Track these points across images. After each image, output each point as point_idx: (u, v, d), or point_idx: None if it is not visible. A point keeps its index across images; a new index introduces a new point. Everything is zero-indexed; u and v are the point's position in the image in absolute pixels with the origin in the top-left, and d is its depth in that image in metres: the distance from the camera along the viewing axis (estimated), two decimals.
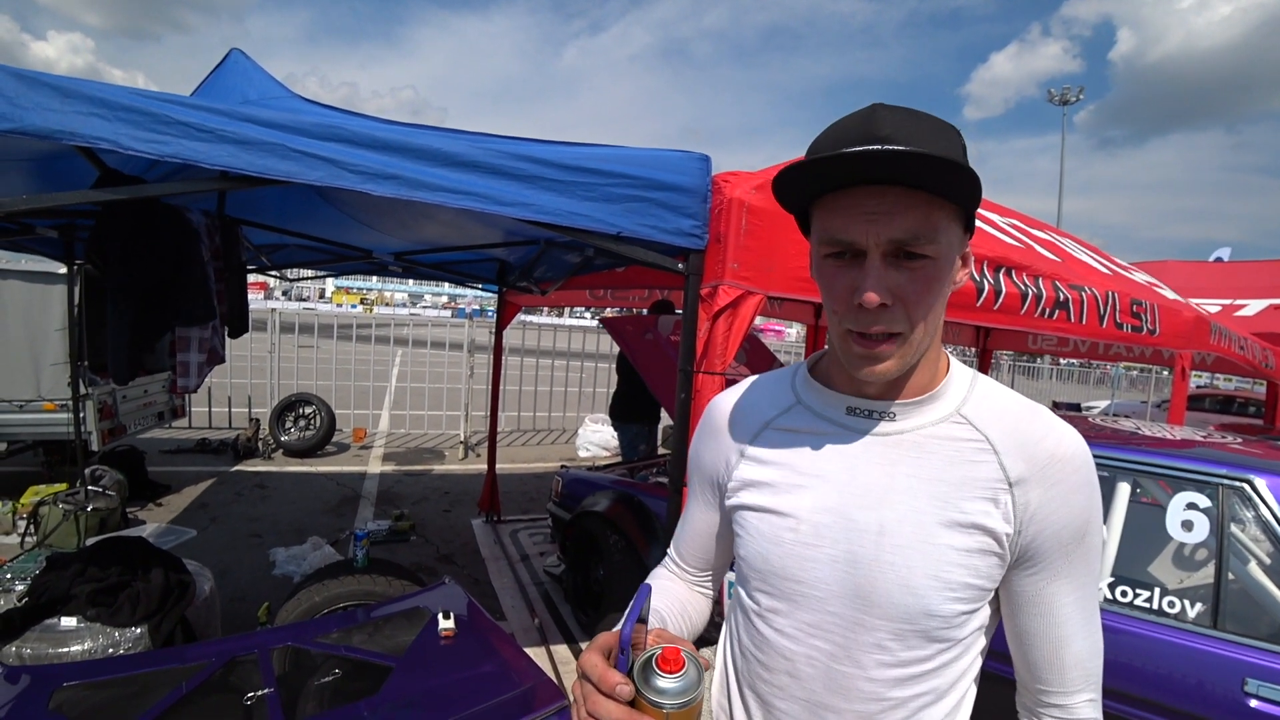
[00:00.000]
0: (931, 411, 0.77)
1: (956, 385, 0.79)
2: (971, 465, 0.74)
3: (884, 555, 0.74)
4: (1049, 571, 0.74)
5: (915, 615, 0.73)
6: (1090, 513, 0.74)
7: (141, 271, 2.07)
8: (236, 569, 3.69)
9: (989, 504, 0.73)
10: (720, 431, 0.90)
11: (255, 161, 1.42)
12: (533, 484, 6.24)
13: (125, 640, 2.02)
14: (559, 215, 1.60)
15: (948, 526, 0.73)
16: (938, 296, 0.71)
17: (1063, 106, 32.28)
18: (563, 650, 3.21)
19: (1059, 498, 0.73)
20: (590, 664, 0.65)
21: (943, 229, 0.68)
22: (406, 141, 1.48)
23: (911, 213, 0.67)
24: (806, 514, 0.78)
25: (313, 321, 8.59)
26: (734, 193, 1.71)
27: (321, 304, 38.49)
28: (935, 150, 0.64)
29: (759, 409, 0.88)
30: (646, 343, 4.04)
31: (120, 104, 1.45)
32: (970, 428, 0.76)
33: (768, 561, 0.80)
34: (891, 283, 0.69)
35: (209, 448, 6.30)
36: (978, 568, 0.73)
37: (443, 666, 1.80)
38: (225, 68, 2.91)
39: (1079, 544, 0.74)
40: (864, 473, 0.77)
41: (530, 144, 1.64)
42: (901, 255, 0.68)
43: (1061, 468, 0.73)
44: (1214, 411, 9.89)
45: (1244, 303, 7.06)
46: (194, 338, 2.43)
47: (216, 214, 2.87)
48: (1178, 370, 4.17)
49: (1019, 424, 0.76)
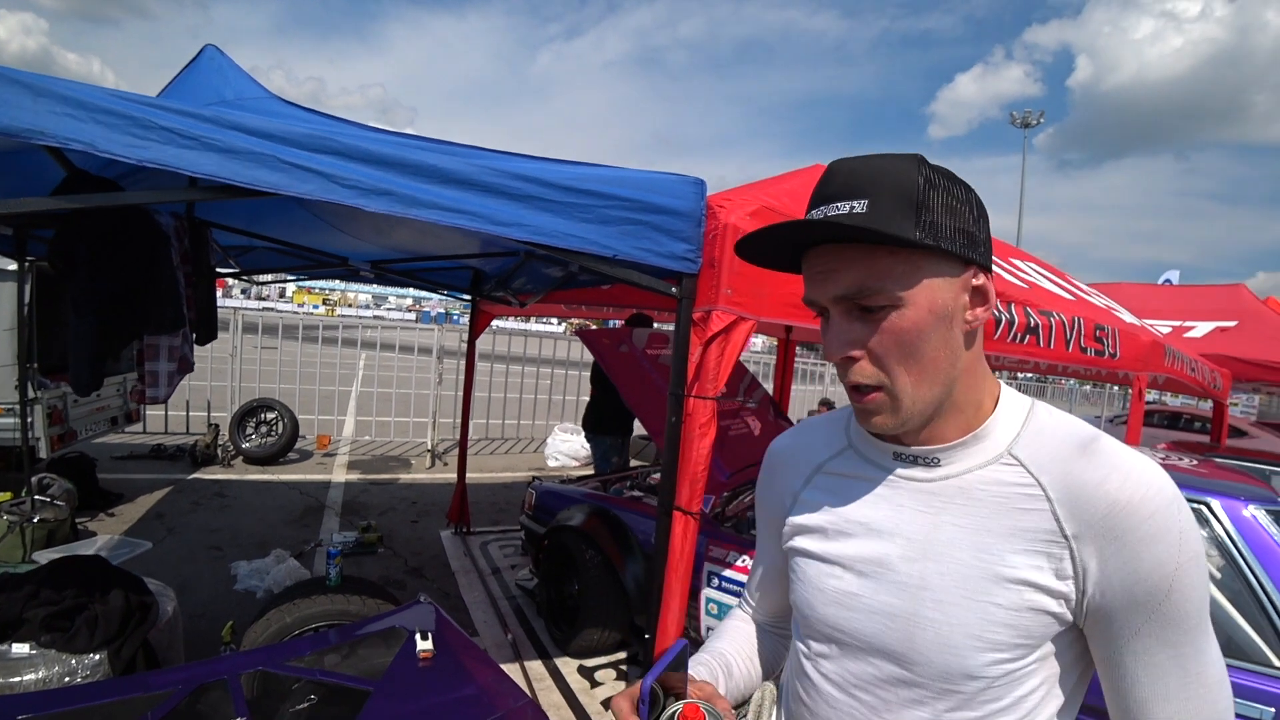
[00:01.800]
0: (978, 453, 0.72)
1: (1006, 420, 0.73)
2: (1021, 514, 0.68)
3: (923, 611, 0.71)
4: (1127, 631, 0.66)
5: (955, 676, 0.69)
6: (1176, 565, 0.63)
7: (111, 277, 1.98)
8: (196, 584, 3.55)
9: (1040, 558, 0.67)
10: (777, 474, 0.91)
11: (243, 172, 1.37)
12: (502, 494, 6.16)
13: (83, 668, 1.91)
14: (555, 237, 1.58)
15: (993, 582, 0.68)
16: (910, 344, 0.68)
17: (1024, 129, 33.39)
18: (537, 666, 3.16)
19: (1128, 550, 0.63)
20: (617, 708, 0.69)
21: (899, 274, 0.66)
22: (401, 156, 1.45)
23: (854, 267, 0.68)
24: (850, 563, 0.77)
25: (275, 322, 8.37)
26: (729, 218, 1.71)
27: (282, 303, 37.53)
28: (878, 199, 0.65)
29: (813, 451, 0.87)
30: (622, 355, 4.03)
31: (98, 105, 1.39)
32: (1021, 469, 0.70)
33: (812, 608, 0.80)
34: (855, 335, 0.70)
35: (164, 454, 6.06)
36: (1028, 628, 0.67)
37: (423, 690, 1.76)
38: (199, 65, 2.82)
39: (1163, 601, 0.63)
40: (908, 522, 0.74)
41: (526, 162, 1.62)
42: (858, 307, 0.69)
43: (1127, 517, 0.63)
44: (1162, 427, 10.28)
45: (1192, 324, 7.39)
46: (163, 345, 2.33)
47: (186, 216, 2.77)
48: (1135, 391, 4.32)
49: (1075, 465, 0.67)
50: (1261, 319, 7.30)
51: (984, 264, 0.71)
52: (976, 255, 0.69)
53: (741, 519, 3.00)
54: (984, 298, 0.71)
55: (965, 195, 0.70)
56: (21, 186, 2.31)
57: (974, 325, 0.71)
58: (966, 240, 0.68)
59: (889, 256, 0.67)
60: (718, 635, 0.98)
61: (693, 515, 1.79)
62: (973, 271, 0.70)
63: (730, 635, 0.98)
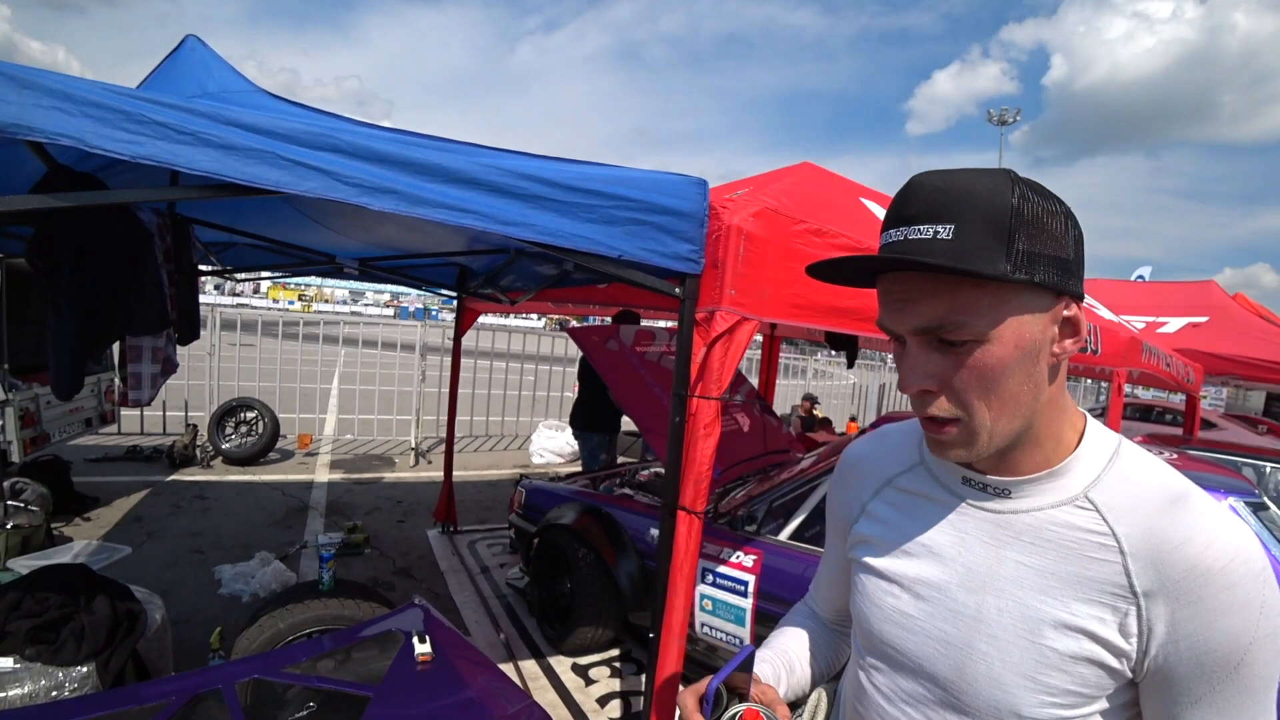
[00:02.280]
0: (1052, 492, 0.69)
1: (1088, 462, 0.69)
2: (1090, 561, 0.65)
3: (977, 643, 0.69)
4: (1186, 698, 0.63)
5: (1004, 713, 0.68)
6: (1251, 640, 0.60)
7: (94, 277, 1.92)
8: (179, 588, 3.47)
9: (1105, 610, 0.64)
10: (849, 481, 0.90)
11: (242, 169, 1.33)
12: (487, 492, 6.12)
13: (70, 681, 1.86)
14: (562, 237, 1.56)
15: (1052, 626, 0.65)
16: (997, 379, 0.64)
17: (1001, 126, 33.88)
18: (530, 665, 3.15)
19: (1201, 618, 0.60)
20: (683, 703, 0.73)
21: (985, 308, 0.62)
22: (405, 154, 1.41)
23: (934, 299, 0.63)
24: (909, 583, 0.76)
25: (253, 319, 8.21)
26: (732, 219, 1.71)
27: (256, 299, 36.87)
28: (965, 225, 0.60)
29: (885, 463, 0.86)
30: (610, 352, 4.02)
31: (86, 99, 1.34)
32: (1096, 516, 0.66)
33: (869, 622, 0.80)
34: (934, 368, 0.66)
35: (141, 455, 5.92)
36: (1083, 676, 0.65)
37: (423, 694, 1.74)
38: (180, 56, 2.74)
39: (1232, 674, 0.60)
40: (970, 551, 0.72)
41: (530, 160, 1.59)
42: (944, 340, 0.65)
43: (1207, 583, 0.60)
44: (1135, 419, 10.52)
45: (1165, 320, 7.57)
46: (146, 347, 2.27)
47: (168, 213, 2.70)
48: (1115, 386, 4.41)
49: (1158, 520, 0.64)
50: (1231, 315, 7.51)
51: (1077, 294, 0.66)
52: (1070, 286, 0.64)
53: (734, 516, 3.01)
54: (1074, 329, 0.66)
55: (1062, 215, 0.64)
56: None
57: (1061, 358, 0.67)
58: (1060, 271, 0.63)
59: (975, 289, 0.62)
60: (781, 631, 0.99)
61: (697, 515, 1.79)
62: (1065, 302, 0.65)
63: (794, 633, 0.98)
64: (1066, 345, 0.67)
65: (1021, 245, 0.61)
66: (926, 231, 0.62)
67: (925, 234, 0.62)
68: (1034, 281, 0.62)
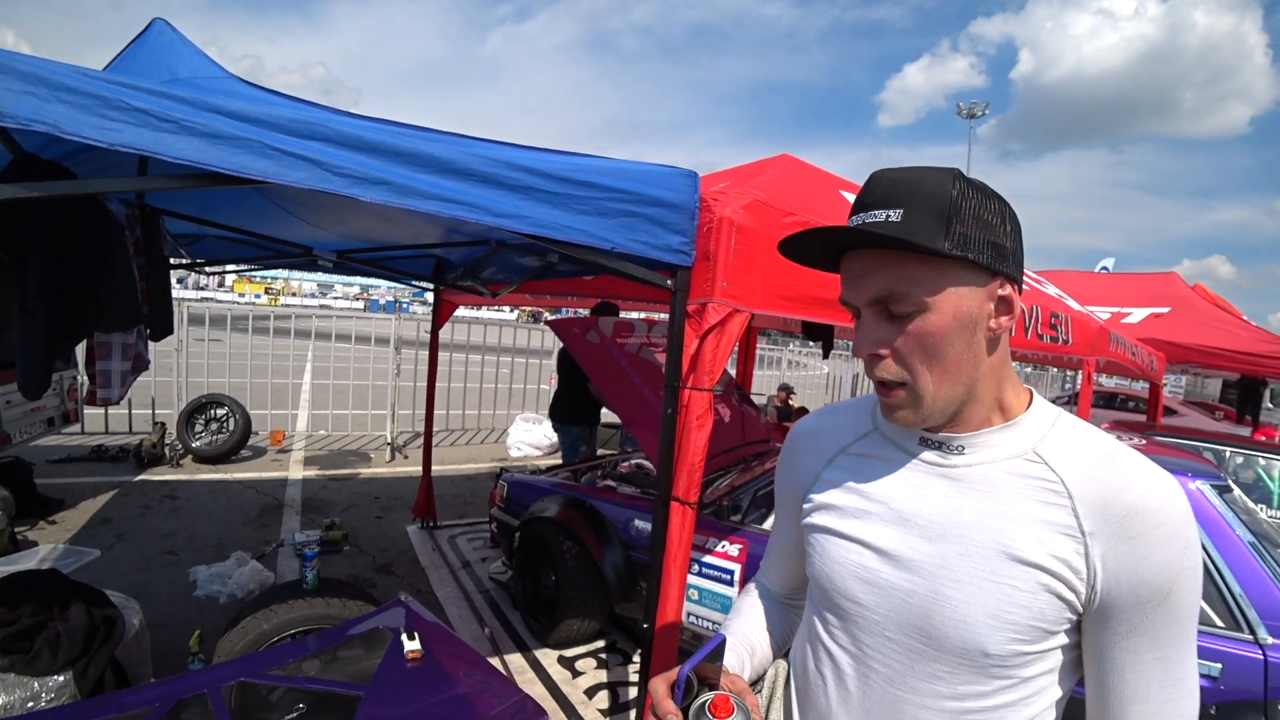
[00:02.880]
0: (1004, 446, 0.76)
1: (1035, 422, 0.77)
2: (1042, 506, 0.72)
3: (942, 589, 0.74)
4: (1123, 628, 0.70)
5: (971, 652, 0.73)
6: (1178, 570, 0.68)
7: (64, 271, 1.84)
8: (153, 592, 3.38)
9: (1057, 547, 0.71)
10: (800, 455, 0.94)
11: (228, 158, 1.28)
12: (465, 486, 6.07)
13: (47, 690, 1.80)
14: (555, 229, 1.54)
15: (1009, 564, 0.71)
16: (938, 347, 0.72)
17: (969, 119, 34.39)
18: (517, 659, 3.14)
19: (1138, 553, 0.68)
20: (654, 689, 0.75)
21: (927, 281, 0.71)
22: (395, 144, 1.38)
23: (884, 272, 0.72)
24: (871, 540, 0.80)
25: (221, 314, 8.00)
26: (723, 211, 1.71)
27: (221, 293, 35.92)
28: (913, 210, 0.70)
29: (837, 434, 0.91)
30: (591, 344, 3.99)
31: (61, 83, 1.28)
32: (1045, 467, 0.74)
33: (832, 582, 0.83)
34: (883, 335, 0.75)
35: (107, 455, 5.73)
36: (1042, 610, 0.71)
37: (416, 691, 1.72)
38: (147, 40, 2.63)
39: (1161, 603, 0.68)
40: (930, 504, 0.78)
41: (523, 152, 1.57)
42: (888, 310, 0.74)
43: (1142, 521, 0.68)
44: (1099, 407, 10.82)
45: (1129, 310, 7.80)
46: (116, 343, 2.20)
47: (137, 204, 2.61)
48: (1085, 375, 4.53)
49: (1099, 469, 0.72)
50: (1191, 305, 7.76)
51: (1011, 276, 0.74)
52: (1004, 267, 0.73)
53: (720, 505, 3.02)
54: (1009, 307, 0.75)
55: (998, 208, 0.74)
56: None
57: (997, 333, 0.75)
58: (995, 253, 0.72)
59: (918, 264, 0.71)
60: (737, 614, 1.02)
61: (691, 505, 1.80)
62: (1000, 282, 0.74)
63: (750, 613, 1.02)
64: (1002, 321, 0.75)
65: (959, 229, 0.70)
66: (880, 215, 0.71)
67: (879, 217, 0.71)
68: (969, 258, 0.70)
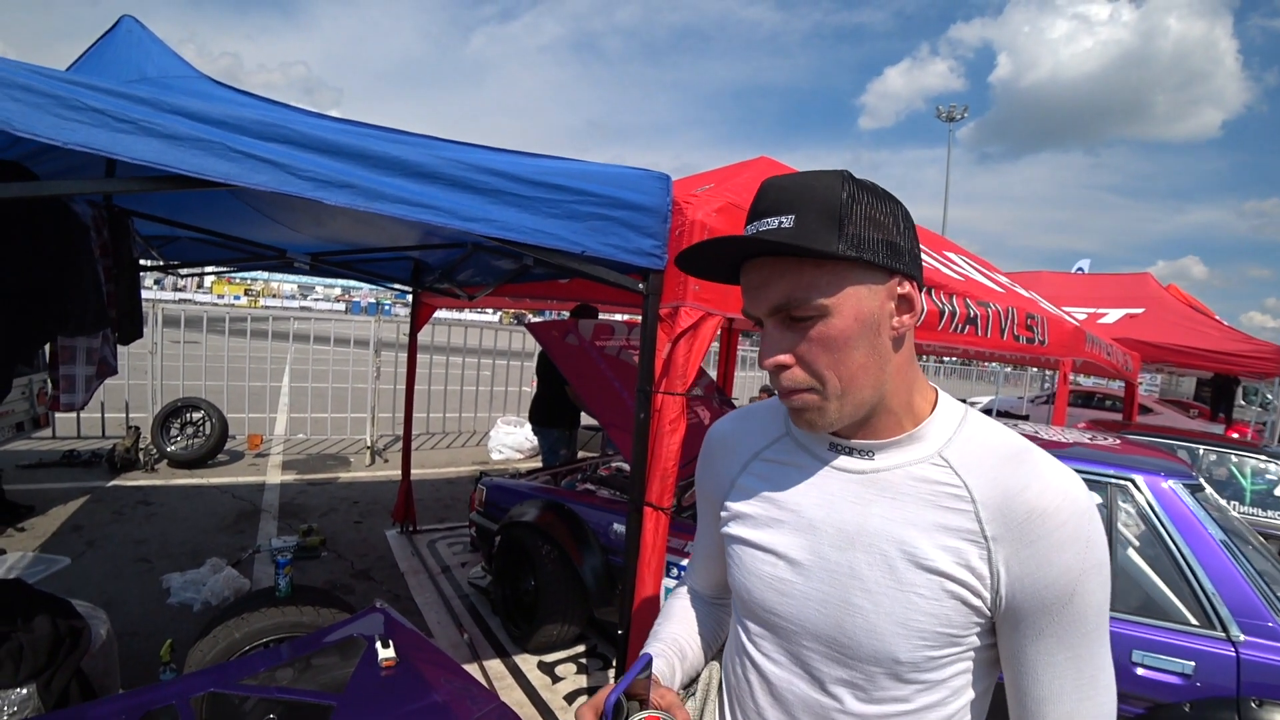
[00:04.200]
0: (911, 451, 0.76)
1: (941, 425, 0.77)
2: (946, 512, 0.72)
3: (852, 598, 0.74)
4: (1032, 631, 0.70)
5: (884, 660, 0.73)
6: (1081, 571, 0.68)
7: (24, 273, 1.80)
8: (125, 600, 3.31)
9: (960, 553, 0.71)
10: (716, 459, 0.93)
11: (188, 160, 1.25)
12: (446, 490, 6.02)
13: (9, 704, 1.75)
14: (524, 233, 1.53)
15: (914, 571, 0.72)
16: (838, 350, 0.71)
17: (949, 122, 34.75)
18: (496, 665, 3.12)
19: (1039, 555, 0.68)
20: (581, 717, 0.74)
21: (824, 285, 0.70)
22: (362, 147, 1.36)
23: (781, 280, 0.71)
24: (783, 550, 0.80)
25: (197, 315, 7.88)
26: (695, 215, 1.71)
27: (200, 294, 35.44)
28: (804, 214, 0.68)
29: (750, 439, 0.90)
30: (569, 347, 3.98)
31: (14, 82, 1.24)
32: (950, 471, 0.74)
33: (749, 593, 0.83)
34: (787, 344, 0.73)
35: (78, 460, 5.62)
36: (949, 617, 0.71)
37: (389, 700, 1.70)
38: (115, 37, 2.59)
39: (1067, 605, 0.68)
40: (839, 511, 0.77)
41: (491, 154, 1.55)
42: (789, 317, 0.72)
43: (1042, 523, 0.68)
44: (1077, 406, 10.98)
45: (1105, 311, 7.92)
46: (80, 348, 2.15)
47: (105, 205, 2.56)
48: (1061, 375, 4.59)
49: (1001, 472, 0.72)
50: (1165, 305, 7.89)
51: (909, 273, 0.73)
52: (901, 265, 0.72)
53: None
54: (910, 305, 0.74)
55: (890, 209, 0.73)
56: None
57: (901, 331, 0.74)
58: (890, 251, 0.71)
59: (814, 269, 0.70)
60: (666, 617, 1.01)
61: (664, 511, 1.79)
62: (898, 280, 0.73)
63: (679, 616, 1.01)
64: (905, 320, 0.74)
65: (851, 230, 0.69)
66: (773, 222, 0.70)
67: (772, 224, 0.70)
68: (864, 259, 0.69)
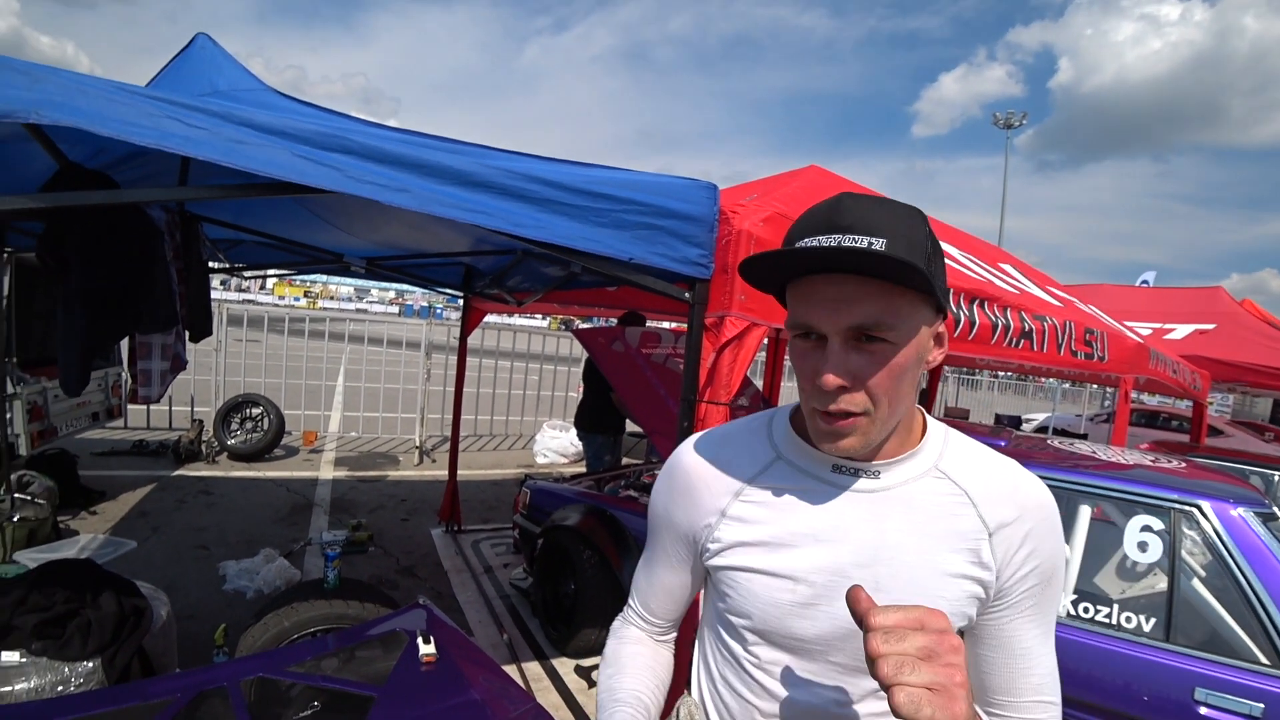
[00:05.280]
0: (912, 468, 0.81)
1: (933, 442, 0.83)
2: (954, 518, 0.78)
3: None
4: (1015, 610, 0.79)
5: None
6: (1058, 557, 0.80)
7: (103, 274, 1.92)
8: (184, 584, 3.48)
9: (974, 554, 0.78)
10: (694, 491, 0.89)
11: (254, 159, 1.32)
12: (491, 491, 6.12)
13: (76, 676, 1.86)
14: (572, 239, 1.56)
15: (939, 579, 0.77)
16: (900, 378, 0.73)
17: (1006, 129, 33.71)
18: (534, 667, 3.15)
19: (1031, 544, 0.78)
20: None
21: (905, 313, 0.71)
22: (417, 156, 1.41)
23: (870, 300, 0.70)
24: (804, 574, 0.80)
25: (259, 315, 8.23)
26: (742, 224, 1.71)
27: (262, 295, 37.00)
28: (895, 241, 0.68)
29: (736, 466, 0.87)
30: (616, 353, 4.01)
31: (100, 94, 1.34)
32: (949, 482, 0.80)
33: (766, 622, 0.82)
34: (852, 366, 0.72)
35: (147, 450, 5.93)
36: (965, 612, 0.78)
37: (427, 695, 1.73)
38: (190, 54, 2.75)
39: (1046, 585, 0.80)
40: (855, 530, 0.79)
41: (542, 164, 1.59)
42: (862, 339, 0.72)
43: (1033, 516, 0.79)
44: (1140, 425, 10.48)
45: (1171, 326, 7.53)
46: (156, 344, 2.28)
47: (177, 210, 2.71)
48: (1122, 393, 4.39)
49: (992, 477, 0.81)
50: (1239, 321, 7.46)
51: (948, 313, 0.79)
52: (949, 306, 0.80)
53: None
54: (941, 342, 0.79)
55: (943, 255, 0.78)
56: (5, 180, 2.24)
57: (932, 365, 0.79)
58: (945, 294, 0.76)
59: (900, 296, 0.70)
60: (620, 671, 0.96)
61: None
62: (940, 320, 0.78)
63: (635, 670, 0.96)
64: (936, 355, 0.79)
65: (931, 267, 0.71)
66: (862, 241, 0.68)
67: (860, 243, 0.68)
68: (939, 299, 0.73)
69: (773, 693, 0.84)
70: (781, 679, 0.83)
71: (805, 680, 0.82)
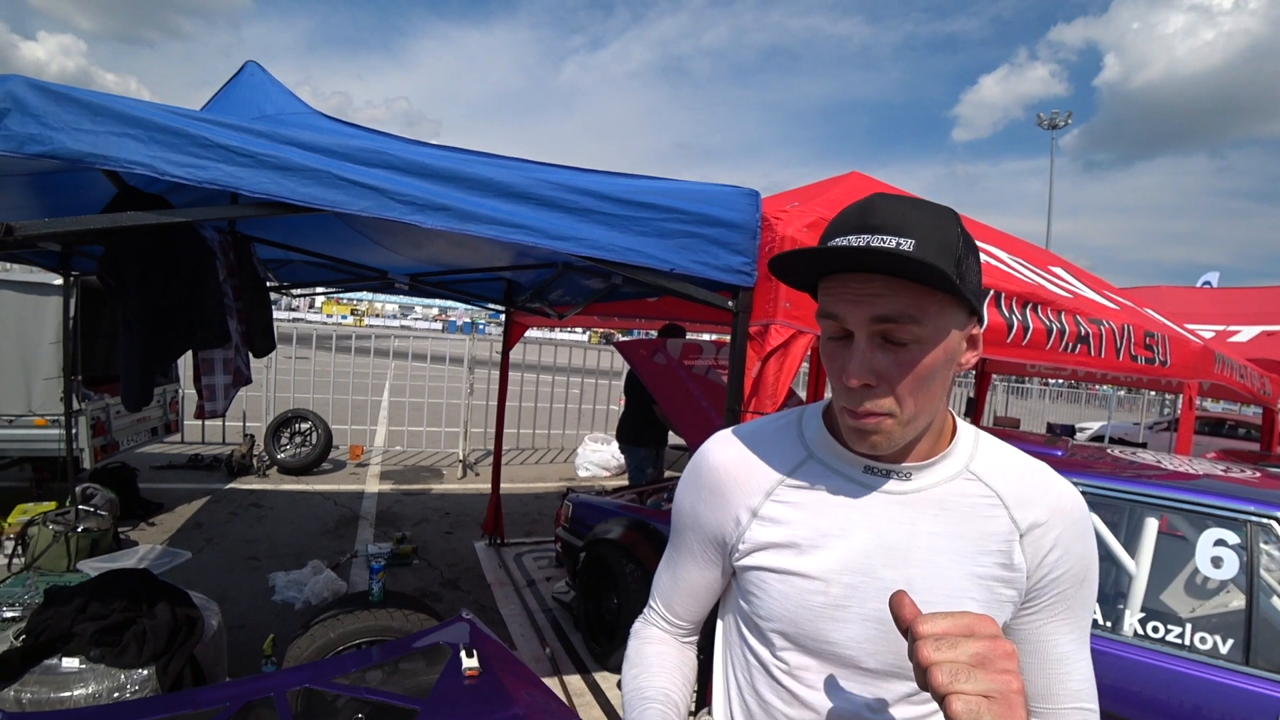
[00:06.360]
0: (943, 470, 0.80)
1: (964, 444, 0.82)
2: (986, 520, 0.78)
3: None
4: (1048, 613, 0.79)
5: None
6: (1089, 559, 0.80)
7: (159, 293, 1.99)
8: (235, 594, 3.57)
9: (1005, 556, 0.77)
10: (724, 490, 0.87)
11: (299, 190, 1.35)
12: (533, 505, 6.15)
13: (132, 683, 1.91)
14: (613, 251, 1.55)
15: (971, 581, 0.77)
16: (928, 379, 0.72)
17: (1051, 130, 32.77)
18: (576, 681, 3.13)
19: (1062, 546, 0.78)
20: None
21: (932, 314, 0.70)
22: (456, 170, 1.42)
23: (897, 296, 0.70)
24: (835, 575, 0.78)
25: (307, 333, 8.47)
26: (786, 230, 1.67)
27: (311, 314, 38.20)
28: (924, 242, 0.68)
29: (768, 465, 0.85)
30: (658, 366, 3.99)
31: (155, 124, 1.38)
32: (981, 484, 0.80)
33: (798, 625, 0.80)
34: (877, 365, 0.71)
35: (202, 464, 6.15)
36: (1001, 620, 0.77)
37: (470, 709, 1.72)
38: (240, 80, 2.85)
39: (1079, 588, 0.79)
40: (886, 531, 0.78)
41: (580, 174, 1.59)
42: (890, 339, 0.71)
43: (1064, 518, 0.78)
44: (1204, 434, 9.98)
45: (1237, 329, 7.15)
46: (218, 359, 2.35)
47: (229, 231, 2.80)
48: (1185, 400, 4.18)
49: (1023, 479, 0.81)
50: None
51: (982, 317, 0.78)
52: (981, 309, 0.76)
53: None
54: (975, 345, 0.78)
55: (978, 254, 0.77)
56: (66, 203, 2.35)
57: (965, 368, 0.79)
58: (978, 297, 0.75)
59: (926, 296, 0.70)
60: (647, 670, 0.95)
61: None
62: (974, 322, 0.76)
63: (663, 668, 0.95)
64: (969, 358, 0.78)
65: (962, 269, 0.71)
66: (890, 241, 0.68)
67: (889, 243, 0.68)
68: (969, 300, 0.71)
69: (804, 700, 0.81)
70: (812, 686, 0.81)
71: (836, 686, 0.80)
